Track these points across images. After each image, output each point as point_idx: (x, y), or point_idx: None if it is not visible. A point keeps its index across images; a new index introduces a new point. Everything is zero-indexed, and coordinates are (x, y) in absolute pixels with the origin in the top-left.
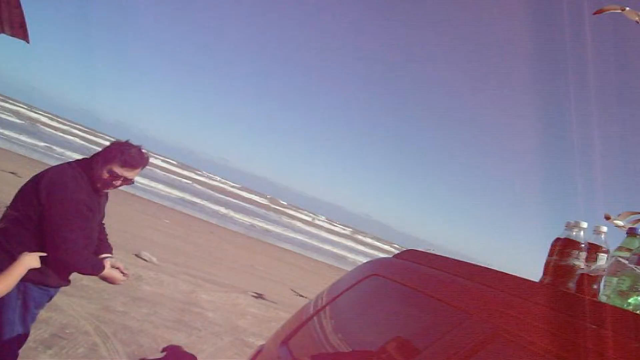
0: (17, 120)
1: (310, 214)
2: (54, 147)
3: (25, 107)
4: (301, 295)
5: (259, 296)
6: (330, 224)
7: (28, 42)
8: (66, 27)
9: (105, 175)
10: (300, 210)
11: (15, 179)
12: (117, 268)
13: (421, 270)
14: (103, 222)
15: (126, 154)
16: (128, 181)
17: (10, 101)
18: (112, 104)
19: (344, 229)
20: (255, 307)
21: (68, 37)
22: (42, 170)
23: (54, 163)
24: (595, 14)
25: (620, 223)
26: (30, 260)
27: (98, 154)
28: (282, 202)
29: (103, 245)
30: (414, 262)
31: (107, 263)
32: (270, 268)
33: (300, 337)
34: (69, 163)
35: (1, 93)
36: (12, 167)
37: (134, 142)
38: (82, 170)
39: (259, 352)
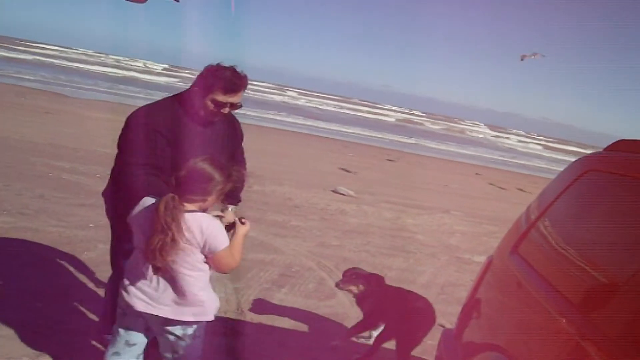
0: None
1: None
2: None
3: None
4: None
5: (463, 213)
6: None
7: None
8: None
9: (210, 105)
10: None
11: None
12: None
13: (638, 158)
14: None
15: (225, 79)
16: (235, 106)
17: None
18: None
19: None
20: (462, 225)
21: None
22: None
23: None
24: None
25: None
26: (246, 228)
27: (195, 84)
28: (420, 113)
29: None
30: (629, 151)
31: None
32: (465, 185)
33: (528, 244)
34: (163, 99)
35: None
36: None
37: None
38: (178, 104)
39: (489, 264)
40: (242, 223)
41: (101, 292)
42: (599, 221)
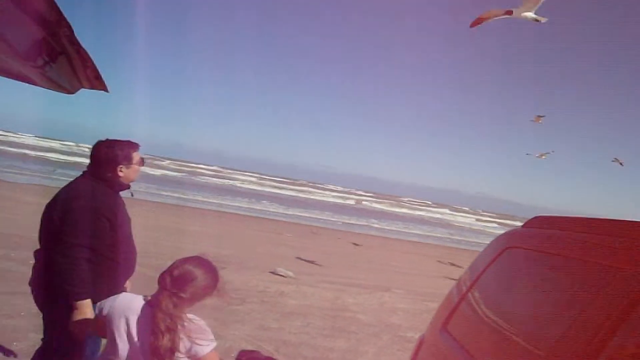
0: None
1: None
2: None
3: None
4: (451, 278)
5: (404, 291)
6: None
7: (108, 92)
8: None
9: (137, 168)
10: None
11: None
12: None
13: (556, 234)
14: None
15: (125, 148)
16: (141, 163)
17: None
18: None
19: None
20: (403, 303)
21: None
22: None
23: None
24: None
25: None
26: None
27: (99, 159)
28: (364, 192)
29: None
30: (546, 228)
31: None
32: (405, 263)
33: (457, 320)
34: (80, 177)
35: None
36: None
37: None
38: (94, 179)
39: (421, 342)
40: None
41: None
42: (521, 296)
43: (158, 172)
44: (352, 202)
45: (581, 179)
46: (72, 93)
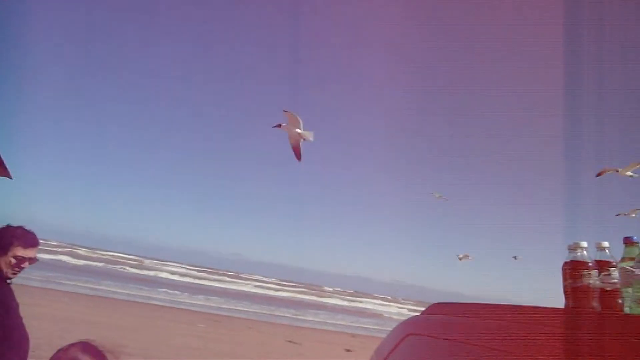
0: None
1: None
2: None
3: None
4: None
5: None
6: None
7: (11, 178)
8: None
9: (12, 261)
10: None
11: None
12: None
13: (453, 320)
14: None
15: (23, 236)
16: (33, 260)
17: None
18: None
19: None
20: None
21: None
22: None
23: None
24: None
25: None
26: None
27: None
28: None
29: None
30: (445, 314)
31: None
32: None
33: None
34: None
35: None
36: None
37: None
38: None
39: None
40: None
41: None
42: None
43: (73, 260)
44: (270, 291)
45: (488, 271)
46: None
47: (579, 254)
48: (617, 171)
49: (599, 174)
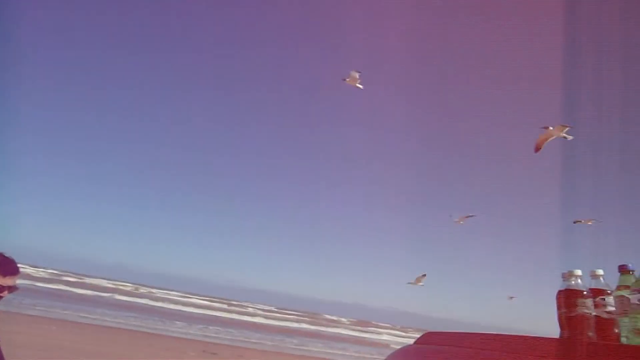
0: None
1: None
2: None
3: None
4: None
5: None
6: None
7: None
8: None
9: None
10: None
11: None
12: None
13: (445, 350)
14: None
15: (2, 264)
16: (13, 289)
17: None
18: None
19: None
20: None
21: None
22: None
23: None
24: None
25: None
26: None
27: None
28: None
29: None
30: (436, 344)
31: None
32: None
33: None
34: None
35: None
36: None
37: None
38: None
39: None
40: None
41: None
42: None
43: (63, 287)
44: (266, 320)
45: (485, 310)
46: None
47: (573, 282)
48: (547, 128)
49: (575, 222)
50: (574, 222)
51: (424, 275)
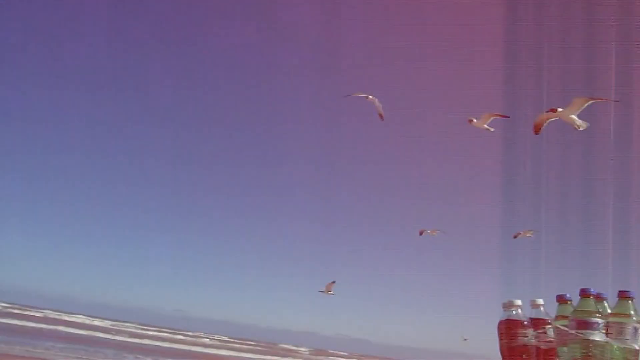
0: None
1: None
2: None
3: None
4: None
5: None
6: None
7: None
8: None
9: None
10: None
11: None
12: None
13: None
14: None
15: None
16: None
17: None
18: None
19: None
20: None
21: None
22: None
23: None
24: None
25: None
26: None
27: None
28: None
29: None
30: None
31: None
32: None
33: None
34: None
35: None
36: None
37: None
38: None
39: None
40: None
41: None
42: None
43: (4, 320)
44: (218, 350)
45: (434, 335)
46: None
47: (514, 312)
48: (472, 121)
49: (515, 236)
50: (514, 237)
51: (333, 282)
